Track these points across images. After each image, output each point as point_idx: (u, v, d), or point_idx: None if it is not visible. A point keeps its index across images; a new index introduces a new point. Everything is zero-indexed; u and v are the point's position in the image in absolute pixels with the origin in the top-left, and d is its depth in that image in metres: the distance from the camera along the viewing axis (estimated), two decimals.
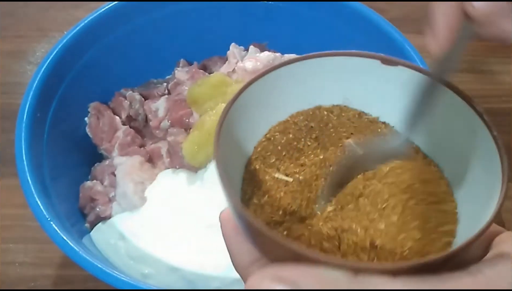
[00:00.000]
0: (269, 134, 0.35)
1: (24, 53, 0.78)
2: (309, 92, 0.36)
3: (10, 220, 0.62)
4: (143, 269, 0.50)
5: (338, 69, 0.35)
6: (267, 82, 0.34)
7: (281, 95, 0.35)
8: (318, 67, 0.35)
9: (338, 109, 0.37)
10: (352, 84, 0.36)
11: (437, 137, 0.35)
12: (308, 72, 0.35)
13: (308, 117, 0.36)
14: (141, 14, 0.61)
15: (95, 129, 0.59)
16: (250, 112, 0.34)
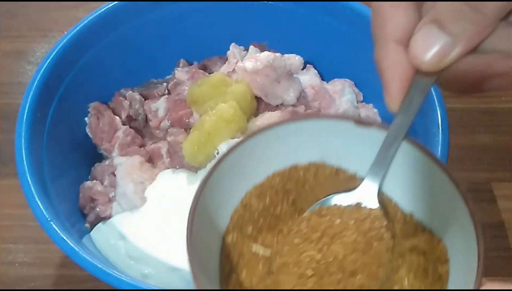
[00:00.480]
0: (245, 200, 0.35)
1: (24, 53, 0.78)
2: (285, 153, 0.36)
3: (10, 220, 0.62)
4: (143, 269, 0.50)
5: (314, 131, 0.35)
6: (243, 151, 0.34)
7: (257, 159, 0.35)
8: (294, 131, 0.35)
9: (315, 167, 0.37)
10: (329, 144, 0.36)
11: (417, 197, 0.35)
12: (284, 135, 0.35)
13: (285, 178, 0.36)
14: (141, 14, 0.61)
15: (95, 129, 0.59)
16: (226, 181, 0.34)
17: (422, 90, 0.29)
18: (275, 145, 0.35)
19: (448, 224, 0.33)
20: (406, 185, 0.35)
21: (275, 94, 0.57)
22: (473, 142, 0.68)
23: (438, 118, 0.51)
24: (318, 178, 0.36)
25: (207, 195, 0.32)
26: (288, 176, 0.36)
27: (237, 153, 0.34)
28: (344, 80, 0.63)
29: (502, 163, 0.67)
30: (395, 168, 0.34)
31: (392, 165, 0.34)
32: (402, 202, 0.36)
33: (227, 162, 0.33)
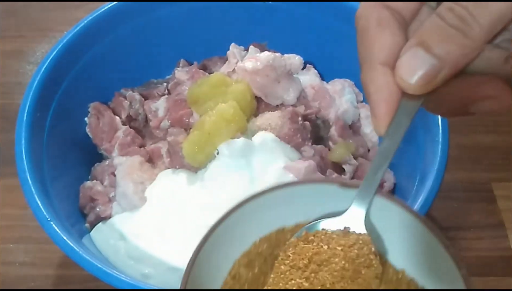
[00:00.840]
0: (233, 271, 0.35)
1: (24, 53, 0.78)
2: (272, 218, 0.36)
3: (10, 220, 0.62)
4: (143, 269, 0.50)
5: (300, 196, 0.36)
6: (231, 222, 0.34)
7: (244, 227, 0.35)
8: (281, 197, 0.35)
9: (302, 228, 0.36)
10: (315, 205, 0.36)
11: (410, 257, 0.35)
12: (270, 202, 0.35)
13: (272, 243, 0.36)
14: (141, 14, 0.61)
15: (95, 129, 0.59)
16: (215, 252, 0.34)
17: (409, 113, 0.29)
18: (261, 212, 0.35)
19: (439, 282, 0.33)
20: (396, 245, 0.35)
21: (275, 94, 0.57)
22: (473, 142, 0.68)
23: (438, 118, 0.51)
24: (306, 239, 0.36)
25: (197, 268, 0.32)
26: (276, 241, 0.36)
27: (225, 224, 0.34)
28: (344, 80, 0.63)
29: (502, 163, 0.67)
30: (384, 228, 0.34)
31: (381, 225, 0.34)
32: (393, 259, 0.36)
33: (216, 233, 0.34)
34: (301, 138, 0.55)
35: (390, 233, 0.35)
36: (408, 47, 0.27)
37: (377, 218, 0.35)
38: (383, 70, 0.27)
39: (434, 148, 0.50)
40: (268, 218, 0.36)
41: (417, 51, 0.26)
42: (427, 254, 0.33)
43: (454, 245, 0.33)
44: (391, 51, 0.27)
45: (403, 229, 0.34)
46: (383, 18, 0.28)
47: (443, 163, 0.49)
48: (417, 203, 0.47)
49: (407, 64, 0.26)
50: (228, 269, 0.35)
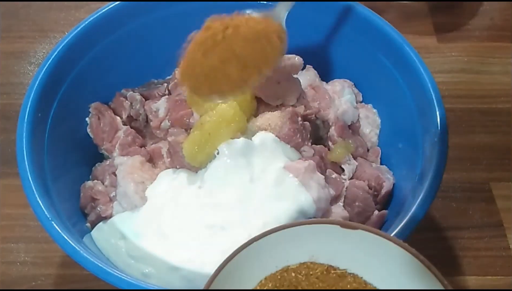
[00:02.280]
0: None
1: (25, 53, 0.78)
2: (277, 257, 0.37)
3: (11, 220, 0.62)
4: (143, 268, 0.50)
5: (303, 235, 0.37)
6: (235, 263, 0.35)
7: (249, 267, 0.36)
8: (284, 237, 0.37)
9: (306, 267, 0.37)
10: (317, 244, 0.37)
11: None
12: (275, 242, 0.36)
13: (277, 282, 0.37)
14: (141, 15, 0.62)
15: (96, 129, 0.60)
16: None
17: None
18: (266, 251, 0.36)
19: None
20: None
21: (275, 95, 0.57)
22: (472, 142, 0.68)
23: (437, 118, 0.51)
24: (310, 279, 0.37)
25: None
26: (280, 280, 0.37)
27: (231, 265, 0.35)
28: (344, 81, 0.63)
29: (500, 163, 0.67)
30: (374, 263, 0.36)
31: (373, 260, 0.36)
32: None
33: (224, 272, 0.35)
34: (300, 138, 0.55)
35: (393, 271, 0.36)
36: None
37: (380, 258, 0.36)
38: None
39: (433, 148, 0.50)
40: (272, 257, 0.37)
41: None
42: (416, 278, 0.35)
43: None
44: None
45: (403, 268, 0.35)
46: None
47: (442, 163, 0.49)
48: (416, 203, 0.47)
49: None
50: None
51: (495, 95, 0.73)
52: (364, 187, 0.55)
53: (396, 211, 0.51)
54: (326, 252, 0.37)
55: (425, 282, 0.34)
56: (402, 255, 0.35)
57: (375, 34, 0.58)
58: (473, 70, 0.76)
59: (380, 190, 0.55)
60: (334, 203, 0.53)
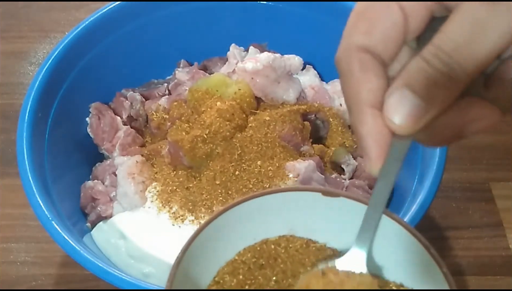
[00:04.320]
0: (218, 277, 0.35)
1: (26, 53, 0.78)
2: (255, 228, 0.36)
3: (12, 220, 0.62)
4: (143, 268, 0.50)
5: (282, 204, 0.36)
6: (212, 230, 0.34)
7: (227, 236, 0.36)
8: (262, 205, 0.36)
9: (285, 240, 0.37)
10: (297, 215, 0.37)
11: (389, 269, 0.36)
12: (252, 211, 0.36)
13: (256, 253, 0.36)
14: (141, 15, 0.62)
15: (96, 129, 0.60)
16: (198, 261, 0.34)
17: (400, 152, 0.30)
18: (243, 221, 0.36)
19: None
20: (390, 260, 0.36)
21: (275, 95, 0.57)
22: (472, 142, 0.68)
23: None
24: (289, 251, 0.37)
25: (180, 278, 0.33)
26: (260, 252, 0.36)
27: (207, 232, 0.34)
28: None
29: (500, 163, 0.67)
30: (379, 244, 0.35)
31: (376, 241, 0.35)
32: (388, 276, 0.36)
33: (197, 242, 0.34)
34: (301, 137, 0.55)
35: (387, 248, 0.35)
36: (395, 89, 0.27)
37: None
38: (372, 113, 0.27)
39: (433, 148, 0.50)
40: (250, 228, 0.36)
41: (403, 93, 0.26)
42: (421, 269, 0.34)
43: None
44: (378, 93, 0.28)
45: (398, 244, 0.35)
46: (365, 62, 0.28)
47: (442, 163, 0.49)
48: (416, 203, 0.47)
49: (395, 106, 0.27)
50: (212, 276, 0.36)
51: None
52: (364, 187, 0.55)
53: (396, 211, 0.51)
54: (306, 225, 0.37)
55: (411, 249, 0.34)
56: (385, 222, 0.34)
57: None
58: None
59: None
60: None
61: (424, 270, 0.34)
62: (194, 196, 0.53)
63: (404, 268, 0.35)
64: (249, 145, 0.53)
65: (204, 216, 0.52)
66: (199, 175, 0.54)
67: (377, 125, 0.27)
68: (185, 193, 0.53)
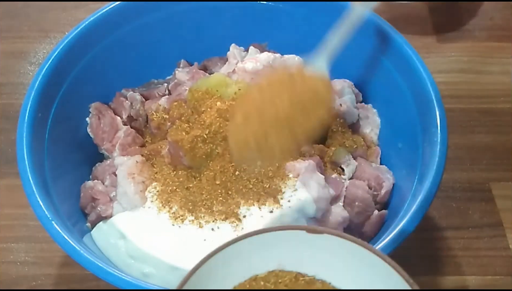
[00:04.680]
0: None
1: (26, 53, 0.78)
2: (243, 266, 0.37)
3: (12, 220, 0.62)
4: (143, 268, 0.50)
5: (269, 242, 0.37)
6: (202, 272, 0.35)
7: (216, 277, 0.36)
8: (249, 245, 0.37)
9: (274, 275, 0.38)
10: (285, 251, 0.38)
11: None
12: (241, 251, 0.37)
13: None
14: (141, 15, 0.62)
15: (96, 129, 0.60)
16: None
17: None
18: (233, 260, 0.37)
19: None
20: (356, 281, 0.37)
21: None
22: (472, 142, 0.69)
23: (437, 118, 0.51)
24: (278, 287, 0.37)
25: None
26: (249, 289, 0.37)
27: (199, 273, 0.35)
28: (344, 81, 0.63)
29: (500, 163, 0.67)
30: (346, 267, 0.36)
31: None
32: None
33: (191, 282, 0.35)
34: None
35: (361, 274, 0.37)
36: None
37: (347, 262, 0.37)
38: None
39: (433, 148, 0.50)
40: (240, 267, 0.37)
41: None
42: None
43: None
44: None
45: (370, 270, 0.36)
46: None
47: (442, 163, 0.49)
48: (416, 203, 0.47)
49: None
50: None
51: (495, 95, 0.73)
52: (364, 187, 0.55)
53: (396, 211, 0.51)
54: (294, 259, 0.38)
55: (392, 282, 0.35)
56: (368, 256, 0.35)
57: (375, 34, 0.58)
58: (473, 70, 0.76)
59: (380, 190, 0.55)
60: (334, 203, 0.53)
61: None
62: (194, 196, 0.53)
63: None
64: None
65: (204, 216, 0.52)
66: (199, 175, 0.54)
67: None
68: (185, 193, 0.53)
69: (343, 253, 0.36)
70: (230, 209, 0.51)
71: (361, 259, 0.36)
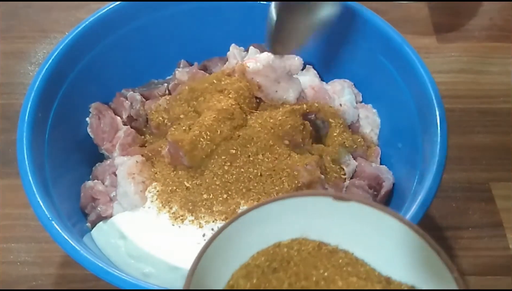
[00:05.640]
0: (232, 281, 0.36)
1: (26, 53, 0.78)
2: (267, 232, 0.37)
3: (12, 220, 0.62)
4: (143, 268, 0.50)
5: (294, 209, 0.37)
6: (227, 235, 0.35)
7: (240, 241, 0.36)
8: (274, 210, 0.36)
9: (297, 243, 0.37)
10: (309, 219, 0.37)
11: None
12: (265, 216, 0.36)
13: (269, 257, 0.37)
14: (141, 15, 0.62)
15: (96, 129, 0.60)
16: (214, 265, 0.35)
17: None
18: (256, 226, 0.36)
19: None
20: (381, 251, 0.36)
21: (275, 95, 0.58)
22: (472, 142, 0.69)
23: (436, 118, 0.51)
24: (301, 254, 0.37)
25: (197, 278, 0.33)
26: (273, 255, 0.37)
27: (221, 238, 0.35)
28: (344, 81, 0.63)
29: (500, 163, 0.67)
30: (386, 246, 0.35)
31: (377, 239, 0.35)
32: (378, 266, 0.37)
33: (212, 249, 0.34)
34: (301, 137, 0.55)
35: (386, 244, 0.36)
36: None
37: (373, 232, 0.35)
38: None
39: (433, 148, 0.50)
40: (263, 232, 0.37)
41: None
42: (422, 262, 0.34)
43: (445, 248, 0.33)
44: None
45: (397, 240, 0.35)
46: None
47: (442, 163, 0.49)
48: (416, 203, 0.47)
49: None
50: (226, 280, 0.36)
51: (495, 95, 0.73)
52: (364, 187, 0.55)
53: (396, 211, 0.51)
54: (317, 228, 0.37)
55: (420, 253, 0.34)
56: (396, 225, 0.34)
57: (375, 34, 0.59)
58: (473, 70, 0.76)
59: (380, 190, 0.55)
60: None
61: (434, 274, 0.34)
62: (194, 196, 0.53)
63: (413, 271, 0.35)
64: (249, 145, 0.54)
65: (204, 216, 0.52)
66: (199, 175, 0.54)
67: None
68: (185, 193, 0.53)
69: (368, 222, 0.35)
70: (230, 209, 0.51)
71: (388, 228, 0.35)
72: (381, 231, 0.36)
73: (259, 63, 0.57)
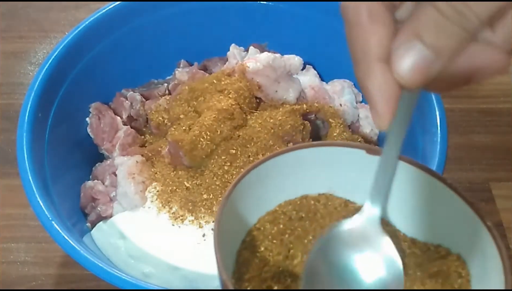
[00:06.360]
0: (258, 224, 0.36)
1: (26, 54, 0.78)
2: (295, 182, 0.36)
3: (12, 220, 0.62)
4: (143, 268, 0.50)
5: (324, 159, 0.36)
6: (256, 175, 0.34)
7: (268, 186, 0.36)
8: (305, 158, 0.36)
9: (324, 198, 0.37)
10: (338, 173, 0.36)
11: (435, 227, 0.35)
12: (295, 163, 0.36)
13: (296, 206, 0.37)
14: (141, 15, 0.62)
15: (96, 129, 0.60)
16: (240, 207, 0.34)
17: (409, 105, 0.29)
18: (285, 173, 0.36)
19: (464, 242, 0.34)
20: (406, 208, 0.35)
21: (275, 95, 0.58)
22: (472, 142, 0.68)
23: (436, 119, 0.51)
24: (328, 208, 0.37)
25: (225, 216, 0.33)
26: (300, 205, 0.37)
27: (248, 179, 0.34)
28: (344, 81, 0.63)
29: (500, 163, 0.67)
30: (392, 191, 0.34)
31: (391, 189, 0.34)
32: (403, 226, 0.36)
33: (241, 186, 0.34)
34: (300, 137, 0.55)
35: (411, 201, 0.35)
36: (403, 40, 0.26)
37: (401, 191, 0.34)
38: (381, 67, 0.26)
39: (433, 148, 0.50)
40: (291, 182, 0.36)
41: (412, 44, 0.25)
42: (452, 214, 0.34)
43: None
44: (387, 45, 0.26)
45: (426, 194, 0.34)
46: (374, 9, 0.27)
47: (442, 163, 0.49)
48: None
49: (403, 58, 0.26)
50: (252, 223, 0.36)
51: (495, 95, 0.73)
52: None
53: None
54: (346, 184, 0.36)
55: (453, 208, 0.33)
56: (430, 182, 0.33)
57: None
58: None
59: None
60: None
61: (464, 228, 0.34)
62: (194, 196, 0.53)
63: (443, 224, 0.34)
64: (249, 145, 0.53)
65: (204, 216, 0.52)
66: (199, 175, 0.54)
67: (385, 80, 0.26)
68: (185, 193, 0.53)
69: (400, 180, 0.33)
70: None
71: (422, 185, 0.34)
72: (414, 188, 0.34)
73: (259, 63, 0.57)
